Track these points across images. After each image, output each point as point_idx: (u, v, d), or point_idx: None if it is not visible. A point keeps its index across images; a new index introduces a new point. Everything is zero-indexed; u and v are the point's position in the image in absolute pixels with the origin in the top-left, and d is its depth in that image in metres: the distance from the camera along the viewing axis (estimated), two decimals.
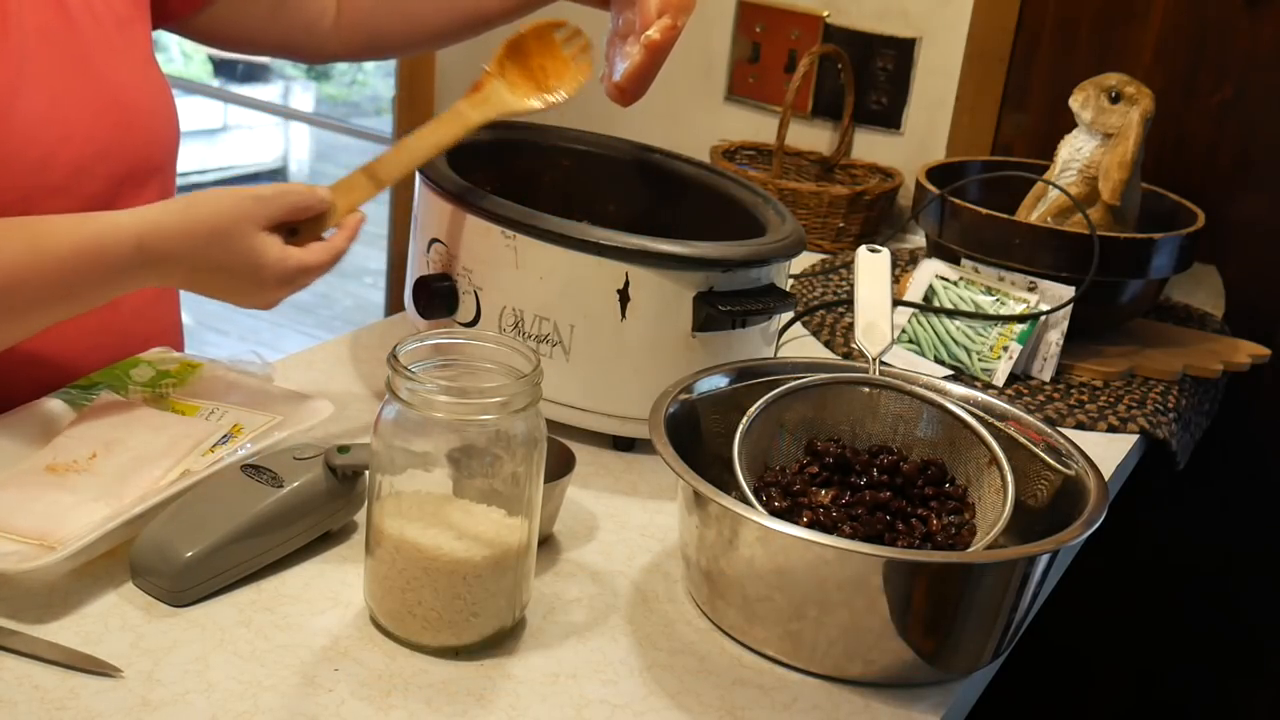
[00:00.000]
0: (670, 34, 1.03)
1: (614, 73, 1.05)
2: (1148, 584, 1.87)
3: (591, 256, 1.03)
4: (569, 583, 0.93)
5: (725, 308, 1.05)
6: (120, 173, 1.07)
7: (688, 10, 1.03)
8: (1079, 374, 1.38)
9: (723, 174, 1.27)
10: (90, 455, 0.92)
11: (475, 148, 1.22)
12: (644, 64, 1.03)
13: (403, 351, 0.81)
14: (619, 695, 0.82)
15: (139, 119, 1.08)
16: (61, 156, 1.02)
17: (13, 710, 0.74)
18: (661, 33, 1.02)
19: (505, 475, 0.81)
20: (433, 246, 1.12)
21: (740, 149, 1.89)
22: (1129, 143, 1.38)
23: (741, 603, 0.86)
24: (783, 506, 0.94)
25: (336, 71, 6.72)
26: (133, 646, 0.80)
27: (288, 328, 4.28)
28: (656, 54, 1.03)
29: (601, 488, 1.06)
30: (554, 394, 1.04)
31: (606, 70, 1.07)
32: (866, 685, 0.85)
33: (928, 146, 1.85)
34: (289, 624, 0.84)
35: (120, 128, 1.06)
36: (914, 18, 1.83)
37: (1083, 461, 0.93)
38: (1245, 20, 1.64)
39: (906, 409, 1.02)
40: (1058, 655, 1.95)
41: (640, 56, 1.03)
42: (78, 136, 1.03)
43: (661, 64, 1.04)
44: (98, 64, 1.06)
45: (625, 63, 1.05)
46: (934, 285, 1.40)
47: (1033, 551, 0.84)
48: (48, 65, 1.02)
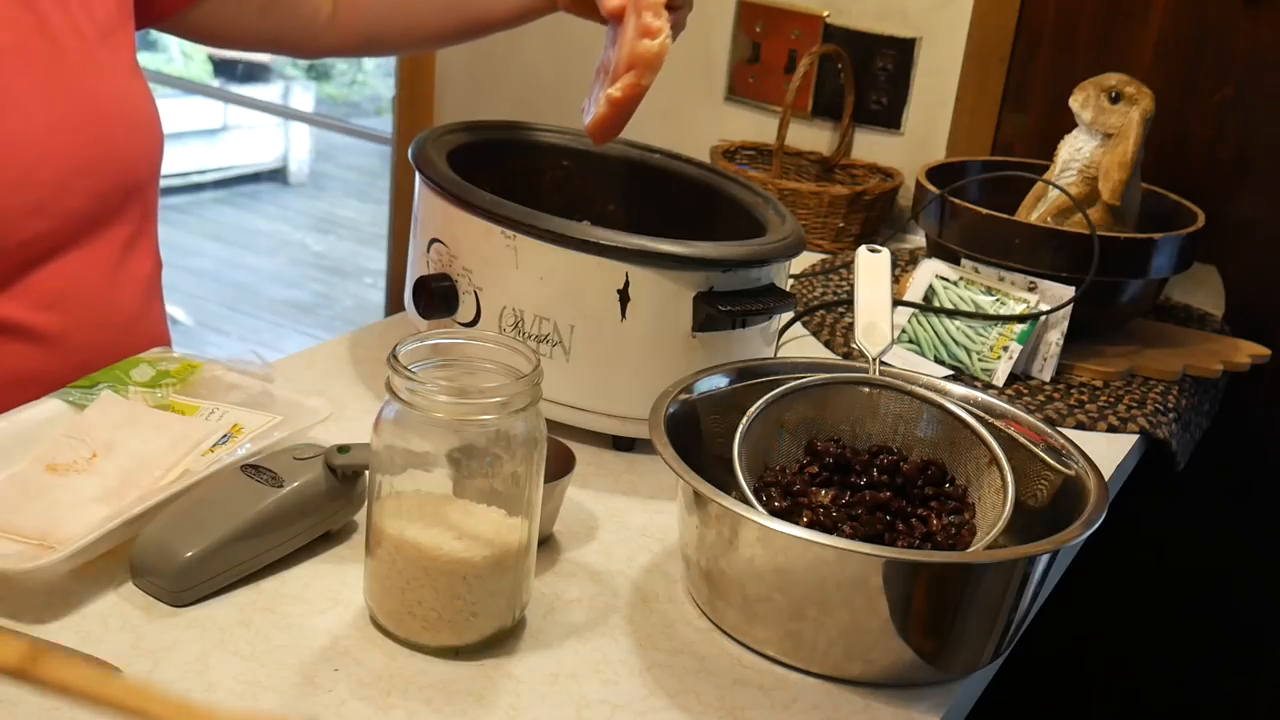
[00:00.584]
0: (632, 91, 1.02)
1: (586, 113, 1.06)
2: (1147, 584, 1.87)
3: (591, 256, 1.03)
4: (569, 583, 0.93)
5: (725, 308, 1.05)
6: (103, 188, 1.07)
7: (654, 68, 1.02)
8: (1079, 374, 1.38)
9: (723, 174, 1.27)
10: (90, 455, 0.92)
11: (475, 147, 1.22)
12: (608, 117, 1.03)
13: (403, 351, 0.81)
14: (619, 695, 0.82)
15: (120, 134, 1.08)
16: (39, 175, 1.01)
17: (13, 710, 0.74)
18: (624, 90, 1.02)
19: (505, 475, 0.81)
20: (433, 246, 1.12)
21: (740, 149, 1.89)
22: (1129, 143, 1.38)
23: (741, 603, 0.86)
24: (783, 506, 0.94)
25: (336, 71, 6.72)
26: (133, 646, 0.80)
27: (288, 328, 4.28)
28: (619, 109, 1.03)
29: (601, 488, 1.06)
30: (554, 394, 1.04)
31: (586, 103, 1.07)
32: (866, 685, 0.85)
33: (928, 146, 1.85)
34: (289, 624, 0.84)
35: (101, 143, 1.06)
36: (914, 18, 1.83)
37: (1083, 461, 0.93)
38: (1245, 20, 1.64)
39: (906, 409, 1.02)
40: (1058, 655, 1.95)
41: (605, 109, 1.03)
42: (56, 154, 1.03)
43: (629, 115, 1.04)
44: (78, 80, 1.05)
45: (594, 109, 1.05)
46: (934, 285, 1.40)
47: (1033, 551, 0.84)
48: (24, 84, 1.02)
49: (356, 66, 6.61)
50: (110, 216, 1.09)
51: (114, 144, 1.07)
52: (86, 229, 1.07)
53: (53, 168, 1.03)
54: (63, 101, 1.04)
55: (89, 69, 1.07)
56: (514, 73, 2.18)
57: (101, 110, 1.06)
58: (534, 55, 2.14)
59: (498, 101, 2.21)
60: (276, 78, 6.50)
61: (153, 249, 1.18)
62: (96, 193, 1.07)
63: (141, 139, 1.11)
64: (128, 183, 1.10)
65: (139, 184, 1.12)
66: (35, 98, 1.02)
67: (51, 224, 1.04)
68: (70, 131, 1.04)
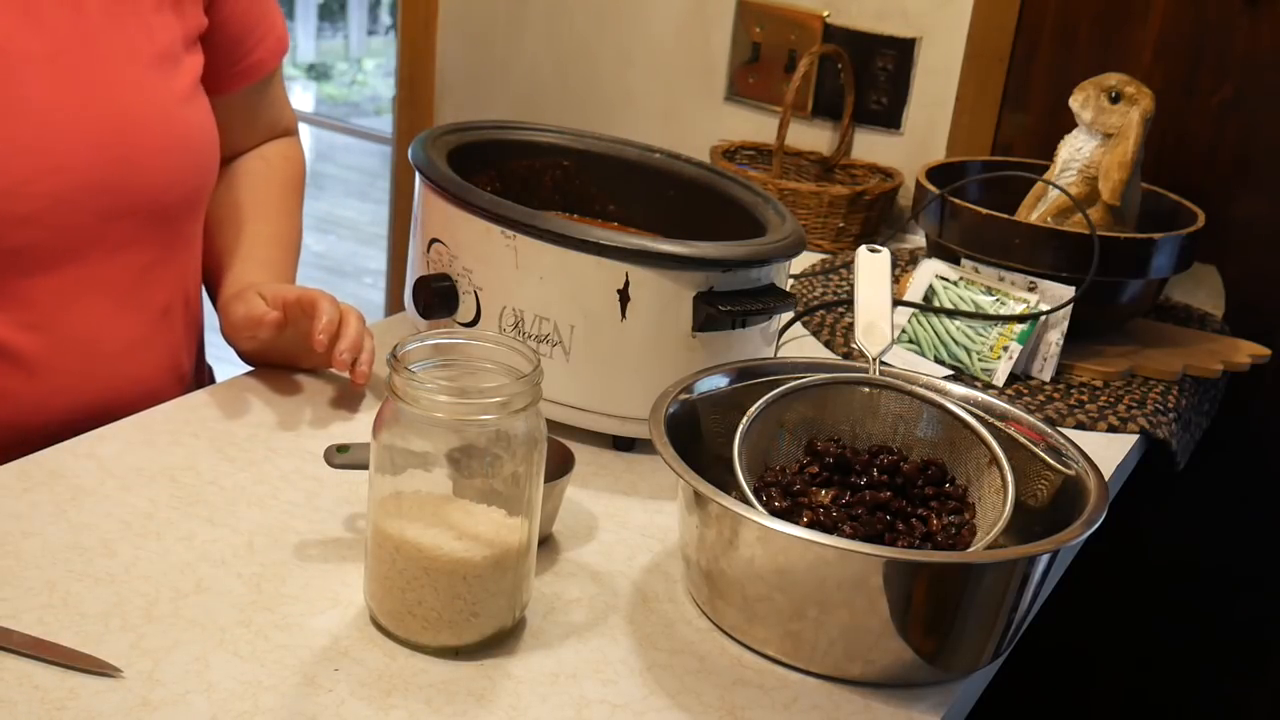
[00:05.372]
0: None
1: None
2: (1147, 584, 1.87)
3: (591, 256, 1.03)
4: (569, 583, 0.93)
5: (725, 308, 1.05)
6: (116, 209, 1.05)
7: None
8: (1079, 374, 1.38)
9: (723, 174, 1.27)
10: None
11: (475, 147, 1.22)
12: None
13: (403, 351, 0.81)
14: (619, 695, 0.82)
15: (145, 159, 1.06)
16: (38, 186, 1.00)
17: (13, 710, 0.74)
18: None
19: (505, 475, 0.81)
20: (433, 246, 1.12)
21: (740, 149, 1.89)
22: (1129, 143, 1.38)
23: (741, 603, 0.86)
24: (783, 506, 0.94)
25: (336, 71, 6.73)
26: (133, 646, 0.80)
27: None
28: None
29: (601, 488, 1.06)
30: (554, 394, 1.04)
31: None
32: (866, 685, 0.85)
33: (928, 146, 1.85)
34: (289, 624, 0.84)
35: (125, 164, 1.05)
36: (914, 18, 1.83)
37: (1083, 461, 0.93)
38: (1245, 20, 1.64)
39: (906, 409, 1.02)
40: (1058, 655, 1.95)
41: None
42: (65, 168, 1.01)
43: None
44: (115, 99, 1.04)
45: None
46: (934, 285, 1.40)
47: (1033, 551, 0.84)
48: (45, 94, 1.01)
49: (356, 66, 6.61)
50: (124, 240, 1.07)
51: (139, 167, 1.06)
52: (90, 249, 1.05)
53: (57, 181, 1.01)
54: (88, 118, 1.03)
55: (131, 90, 1.05)
56: (514, 73, 2.18)
57: (129, 133, 1.05)
58: (534, 55, 2.14)
59: (498, 101, 2.21)
60: None
61: (176, 281, 1.15)
62: (107, 213, 1.05)
63: (175, 168, 1.10)
64: (150, 208, 1.08)
65: (165, 211, 1.10)
66: (56, 110, 1.01)
67: (46, 237, 1.02)
68: (90, 148, 1.03)
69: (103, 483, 0.97)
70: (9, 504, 0.93)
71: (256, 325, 1.09)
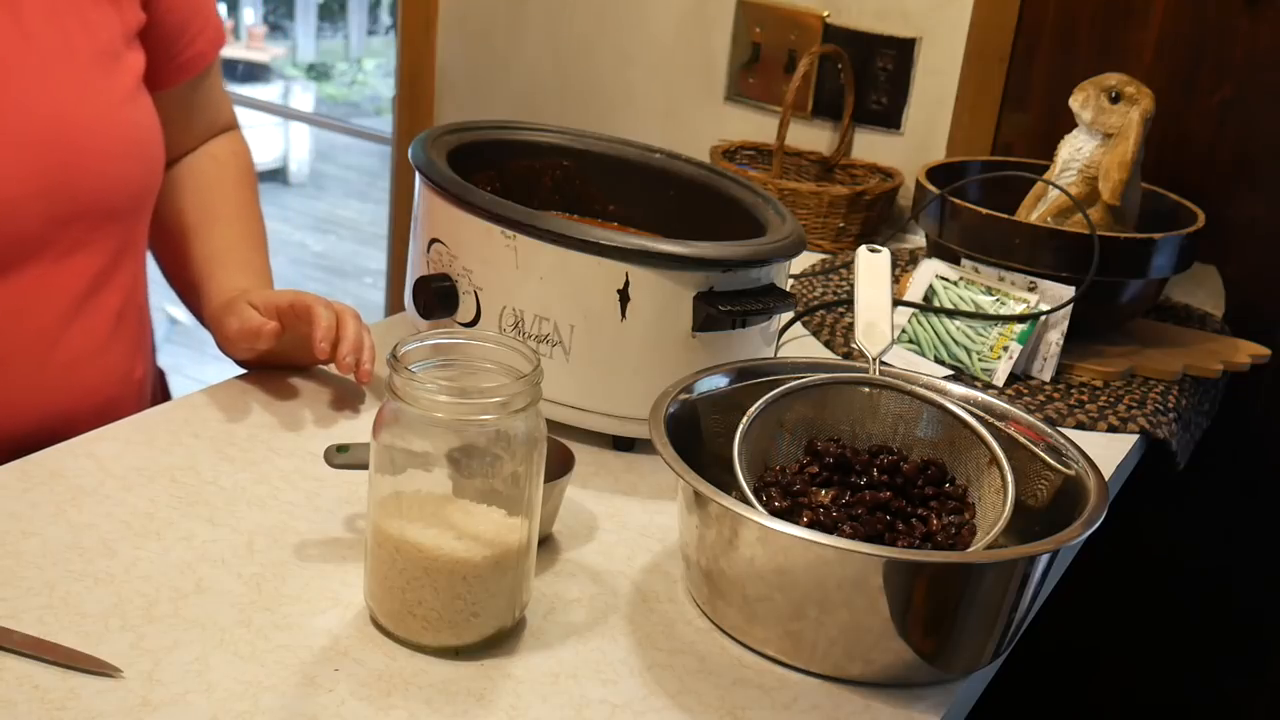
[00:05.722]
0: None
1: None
2: (1147, 584, 1.87)
3: (591, 256, 1.03)
4: (569, 583, 0.93)
5: (725, 308, 1.05)
6: (63, 214, 1.04)
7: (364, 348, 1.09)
8: (1079, 374, 1.38)
9: (723, 174, 1.27)
10: None
11: (475, 147, 1.22)
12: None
13: (403, 351, 0.81)
14: (619, 695, 0.82)
15: (90, 161, 1.05)
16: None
17: (13, 710, 0.74)
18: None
19: (505, 475, 0.81)
20: (433, 246, 1.12)
21: (740, 149, 1.89)
22: (1129, 143, 1.38)
23: (741, 603, 0.86)
24: (783, 506, 0.94)
25: (336, 71, 6.73)
26: (133, 646, 0.80)
27: None
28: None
29: (601, 488, 1.06)
30: (554, 394, 1.04)
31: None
32: (866, 685, 0.85)
33: (928, 146, 1.85)
34: (289, 624, 0.84)
35: (68, 169, 1.03)
36: (914, 18, 1.83)
37: (1083, 461, 0.93)
38: (1245, 20, 1.64)
39: (906, 409, 1.02)
40: (1058, 655, 1.95)
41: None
42: (10, 175, 1.00)
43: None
44: (54, 101, 1.02)
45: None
46: (934, 285, 1.40)
47: (1033, 551, 0.84)
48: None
49: (356, 66, 6.61)
50: (74, 245, 1.06)
51: (85, 171, 1.04)
52: (38, 255, 1.04)
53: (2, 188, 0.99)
54: (28, 121, 1.01)
55: (72, 91, 1.04)
56: (514, 73, 2.17)
57: (70, 135, 1.03)
58: (534, 55, 2.14)
59: (498, 101, 2.21)
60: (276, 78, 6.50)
61: (129, 284, 1.14)
62: (55, 218, 1.03)
63: (121, 168, 1.08)
64: (99, 212, 1.07)
65: (114, 214, 1.08)
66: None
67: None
68: (32, 154, 1.01)
69: (103, 483, 0.97)
70: (9, 504, 0.93)
71: (255, 337, 1.09)
